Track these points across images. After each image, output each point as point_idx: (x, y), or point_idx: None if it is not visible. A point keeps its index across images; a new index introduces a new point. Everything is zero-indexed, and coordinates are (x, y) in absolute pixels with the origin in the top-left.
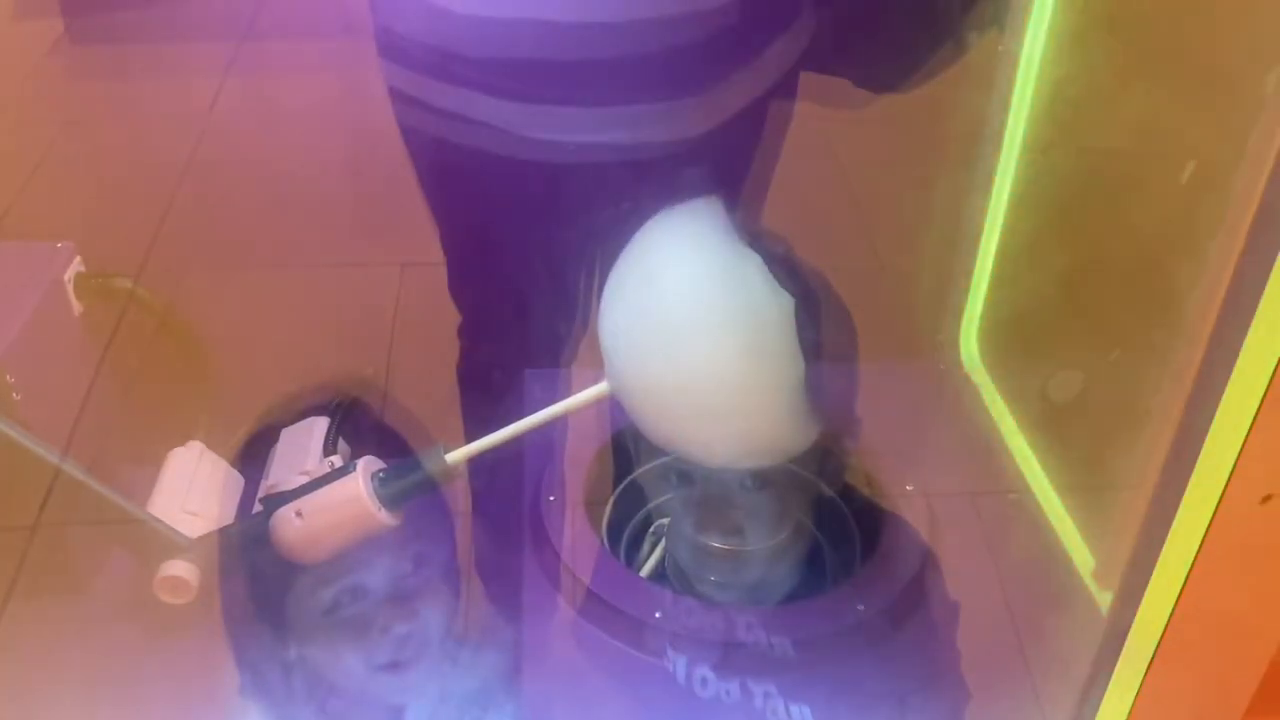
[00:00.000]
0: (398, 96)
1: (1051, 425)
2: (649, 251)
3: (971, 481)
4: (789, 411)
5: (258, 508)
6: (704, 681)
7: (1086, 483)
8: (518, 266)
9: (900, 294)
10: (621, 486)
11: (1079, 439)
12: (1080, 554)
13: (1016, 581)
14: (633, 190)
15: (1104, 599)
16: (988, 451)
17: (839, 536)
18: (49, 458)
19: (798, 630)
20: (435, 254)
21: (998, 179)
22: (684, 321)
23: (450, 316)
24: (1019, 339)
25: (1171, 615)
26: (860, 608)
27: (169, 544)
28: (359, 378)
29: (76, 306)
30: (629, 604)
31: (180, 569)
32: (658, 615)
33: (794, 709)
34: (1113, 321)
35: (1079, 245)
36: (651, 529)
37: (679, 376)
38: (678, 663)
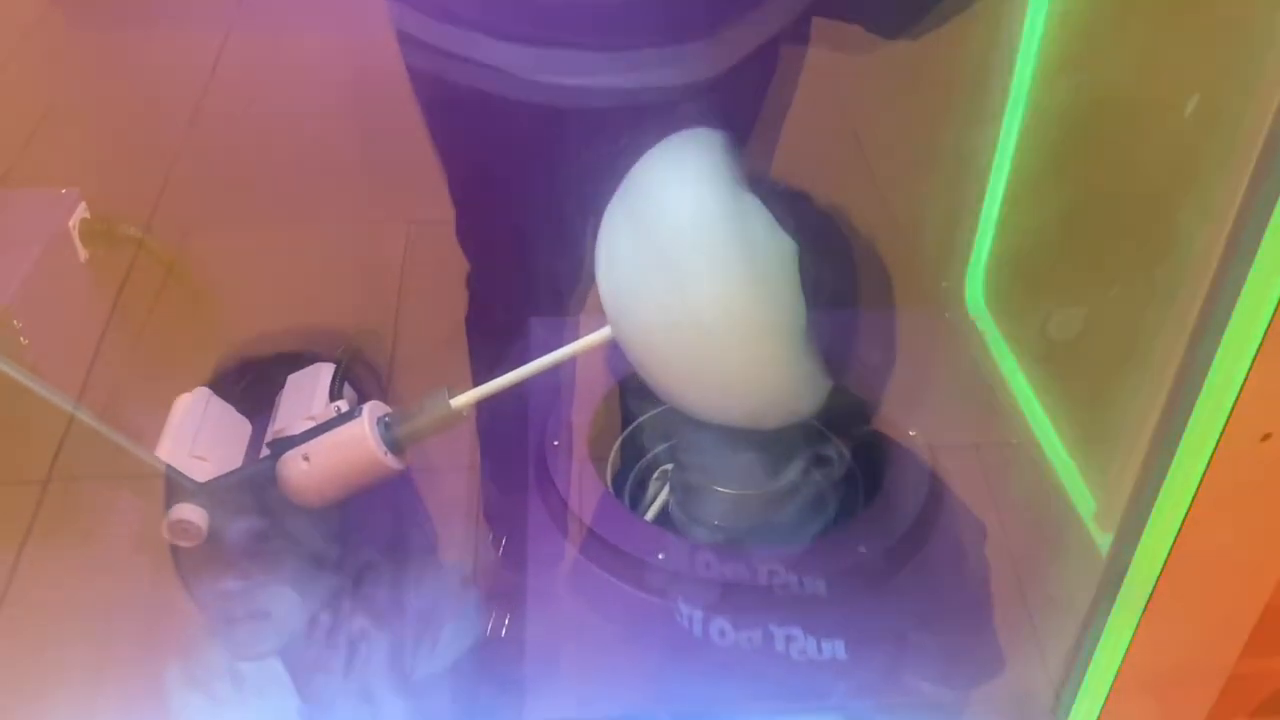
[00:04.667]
0: (405, 40)
1: (1055, 369)
2: (646, 182)
3: (974, 426)
4: (790, 363)
5: (265, 452)
6: (723, 633)
7: (1089, 426)
8: (525, 212)
9: (906, 240)
10: (626, 432)
11: (1082, 383)
12: (1081, 497)
13: (1017, 525)
14: (640, 135)
15: (1104, 541)
16: (991, 396)
17: (842, 481)
18: (58, 403)
19: (801, 571)
20: (442, 212)
21: (1005, 122)
22: (678, 254)
23: (457, 272)
24: (1023, 284)
25: (1170, 554)
26: (862, 550)
27: (177, 488)
28: (365, 328)
29: (82, 253)
30: (634, 546)
31: (188, 512)
32: (660, 557)
33: (826, 645)
34: (1117, 264)
35: (1084, 187)
36: (656, 474)
37: (673, 315)
38: (692, 615)
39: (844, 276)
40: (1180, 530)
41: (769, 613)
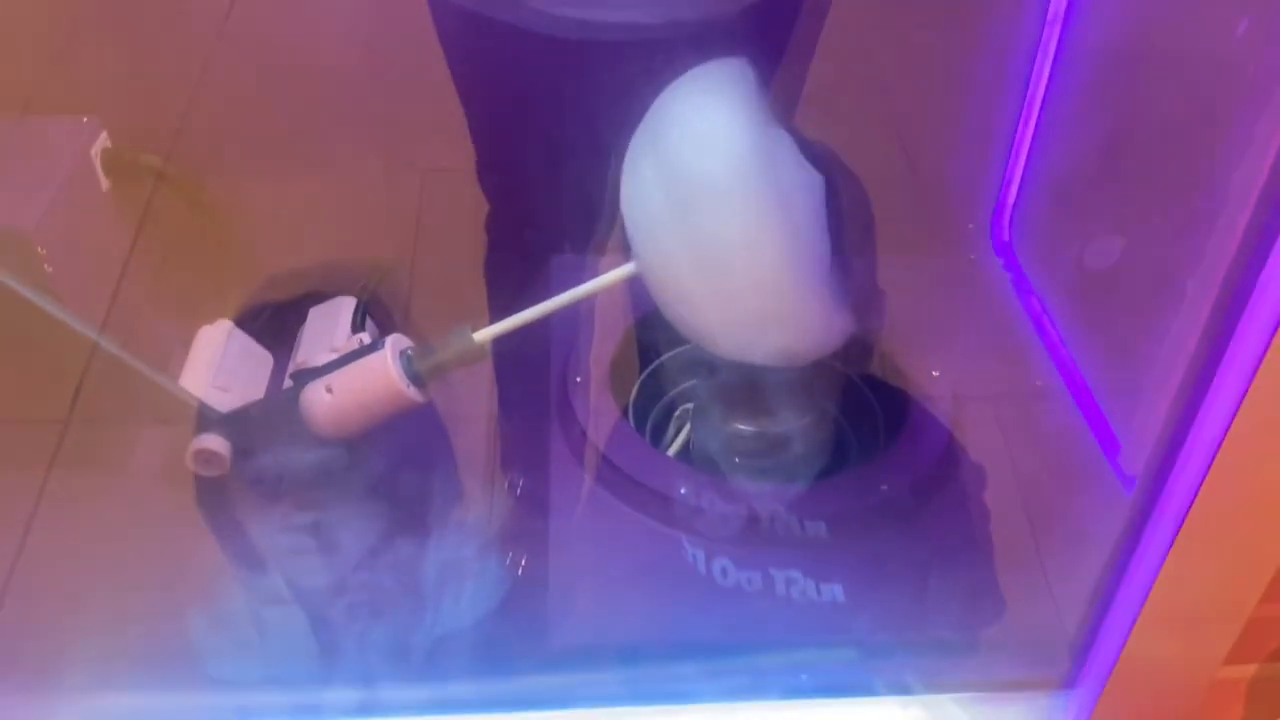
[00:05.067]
0: None
1: (1082, 311)
2: (673, 112)
3: (999, 367)
4: (814, 299)
5: (288, 383)
6: (724, 571)
7: (1116, 367)
8: (547, 148)
9: (932, 181)
10: (647, 371)
11: (1109, 324)
12: (1107, 438)
13: (1041, 466)
14: (666, 67)
15: (1129, 483)
16: (1016, 337)
17: (863, 421)
18: (82, 330)
19: (821, 509)
20: (457, 160)
21: (1037, 56)
22: (705, 184)
23: (473, 220)
24: (1051, 224)
25: (1198, 493)
26: (884, 487)
27: (201, 418)
28: (385, 266)
29: (104, 182)
30: (656, 481)
31: (212, 442)
32: (682, 491)
33: (824, 589)
34: (1149, 200)
35: (1118, 123)
36: (677, 413)
37: (699, 247)
38: (696, 555)
39: (865, 214)
40: (1209, 471)
41: (794, 550)
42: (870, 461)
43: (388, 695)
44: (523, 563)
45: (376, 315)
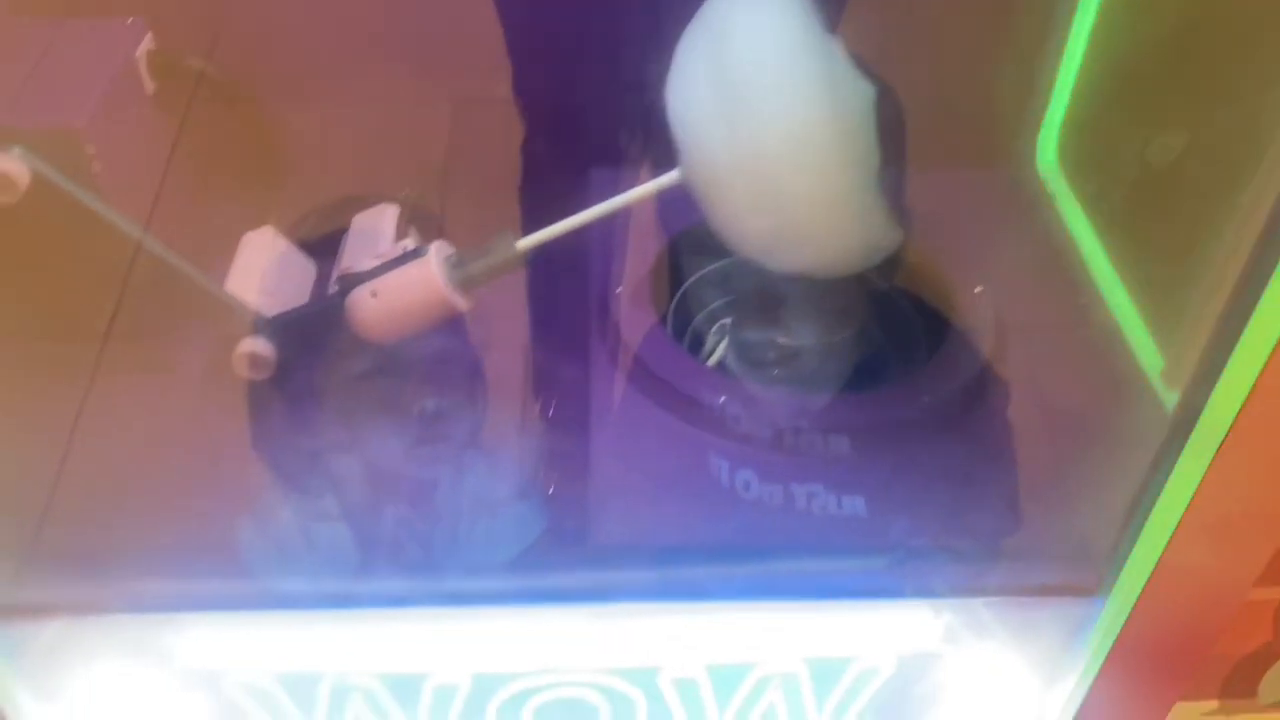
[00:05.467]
0: None
1: (1127, 228)
2: (726, 14)
3: (1041, 284)
4: (863, 206)
5: (333, 288)
6: (747, 485)
7: (1159, 284)
8: (586, 59)
9: (976, 98)
10: (686, 285)
11: (1154, 241)
12: (1149, 355)
13: (1082, 379)
14: None
15: (1170, 399)
16: (1059, 255)
17: (904, 336)
18: (130, 230)
19: (859, 419)
20: (488, 89)
21: None
22: (759, 88)
23: (505, 148)
24: (1096, 142)
25: (1241, 408)
26: (925, 399)
27: (247, 321)
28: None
29: (149, 84)
30: (697, 390)
31: (259, 345)
32: (722, 400)
33: (845, 502)
34: (1197, 117)
35: (1169, 36)
36: (714, 328)
37: (750, 150)
38: (721, 467)
39: (903, 131)
40: (1253, 388)
41: (816, 464)
42: (907, 376)
43: (426, 586)
44: (555, 481)
45: (419, 222)
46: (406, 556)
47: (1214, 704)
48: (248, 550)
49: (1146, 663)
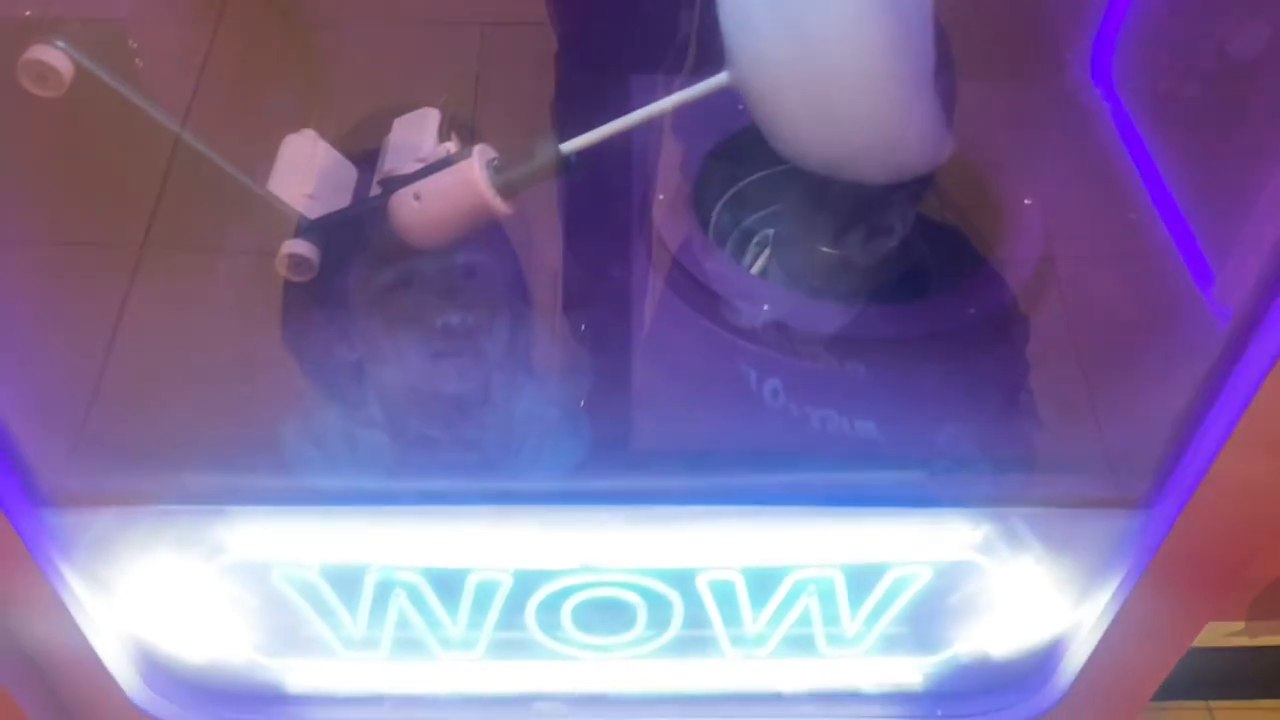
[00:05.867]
0: None
1: (1181, 142)
2: None
3: (1092, 197)
4: (918, 107)
5: (375, 191)
6: (775, 393)
7: (1213, 199)
8: None
9: (1029, 10)
10: (728, 194)
11: (1210, 156)
12: (1201, 270)
13: (1133, 295)
14: None
15: (1224, 315)
16: (1112, 169)
17: (948, 250)
18: (171, 126)
19: (902, 331)
20: (516, 14)
21: None
22: None
23: (538, 74)
24: (1157, 48)
25: None
26: (970, 311)
27: (289, 223)
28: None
29: None
30: (740, 296)
31: (302, 247)
32: (765, 308)
33: (858, 424)
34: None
35: None
36: (756, 238)
37: (804, 49)
38: (749, 374)
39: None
40: None
41: (834, 384)
42: (950, 289)
43: (469, 485)
44: (594, 385)
45: (459, 128)
46: (447, 466)
47: (1241, 625)
48: (291, 449)
49: (1183, 580)
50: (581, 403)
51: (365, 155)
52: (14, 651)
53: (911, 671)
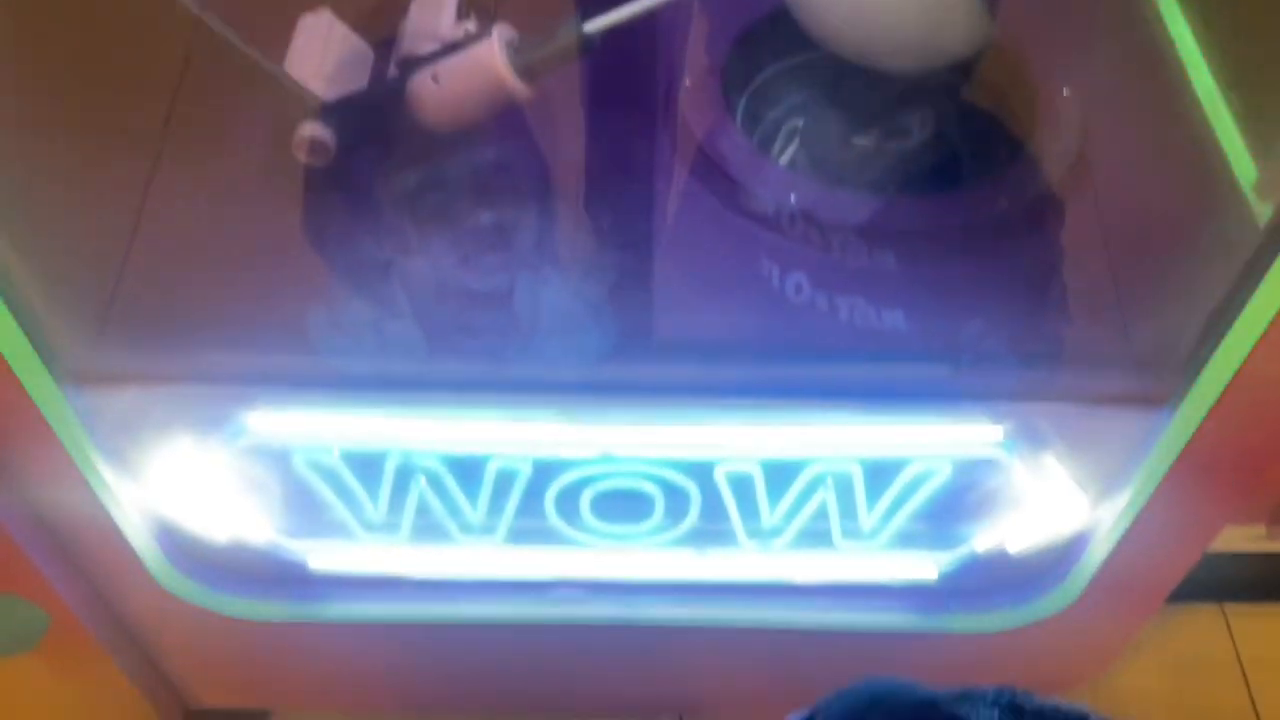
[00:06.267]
0: None
1: (1226, 29)
2: None
3: (1133, 87)
4: None
5: (393, 72)
6: (799, 287)
7: (1260, 91)
8: None
9: None
10: (755, 83)
11: (1256, 45)
12: (1243, 165)
13: (1170, 189)
14: None
15: (1263, 212)
16: (1154, 58)
17: (982, 141)
18: (190, 6)
19: (931, 222)
20: None
21: None
22: None
23: None
24: None
25: None
26: (1002, 203)
27: (306, 105)
28: None
29: None
30: (768, 187)
31: (319, 130)
32: (793, 198)
33: (886, 314)
34: None
35: None
36: (786, 127)
37: None
38: (773, 271)
39: None
40: None
41: (861, 275)
42: (984, 181)
43: (491, 373)
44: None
45: (478, 7)
46: (471, 356)
47: (1262, 529)
48: (316, 333)
49: (1206, 481)
50: (606, 296)
51: (383, 37)
52: (44, 533)
53: (927, 566)
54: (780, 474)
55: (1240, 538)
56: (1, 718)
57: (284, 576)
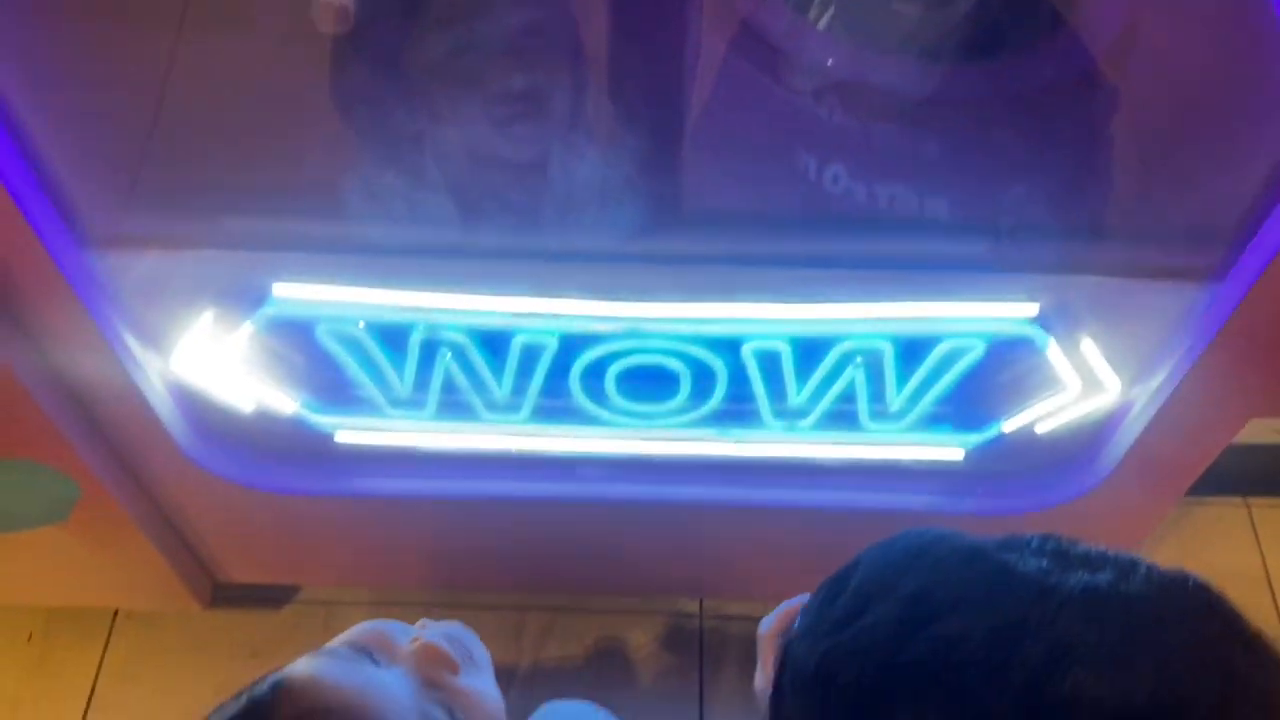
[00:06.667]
0: None
1: None
2: None
3: None
4: None
5: None
6: (836, 179)
7: None
8: None
9: None
10: None
11: None
12: None
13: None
14: None
15: None
16: None
17: (1027, 7)
18: None
19: (972, 91)
20: None
21: None
22: None
23: None
24: None
25: None
26: (1050, 72)
27: None
28: None
29: None
30: (806, 53)
31: None
32: (829, 63)
33: (928, 202)
34: None
35: None
36: None
37: None
38: (809, 164)
39: None
40: None
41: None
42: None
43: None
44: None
45: None
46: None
47: None
48: (340, 200)
49: (1241, 363)
50: (636, 167)
51: None
52: (72, 403)
53: (954, 449)
54: (809, 351)
55: (1265, 429)
56: (35, 589)
57: (311, 451)
